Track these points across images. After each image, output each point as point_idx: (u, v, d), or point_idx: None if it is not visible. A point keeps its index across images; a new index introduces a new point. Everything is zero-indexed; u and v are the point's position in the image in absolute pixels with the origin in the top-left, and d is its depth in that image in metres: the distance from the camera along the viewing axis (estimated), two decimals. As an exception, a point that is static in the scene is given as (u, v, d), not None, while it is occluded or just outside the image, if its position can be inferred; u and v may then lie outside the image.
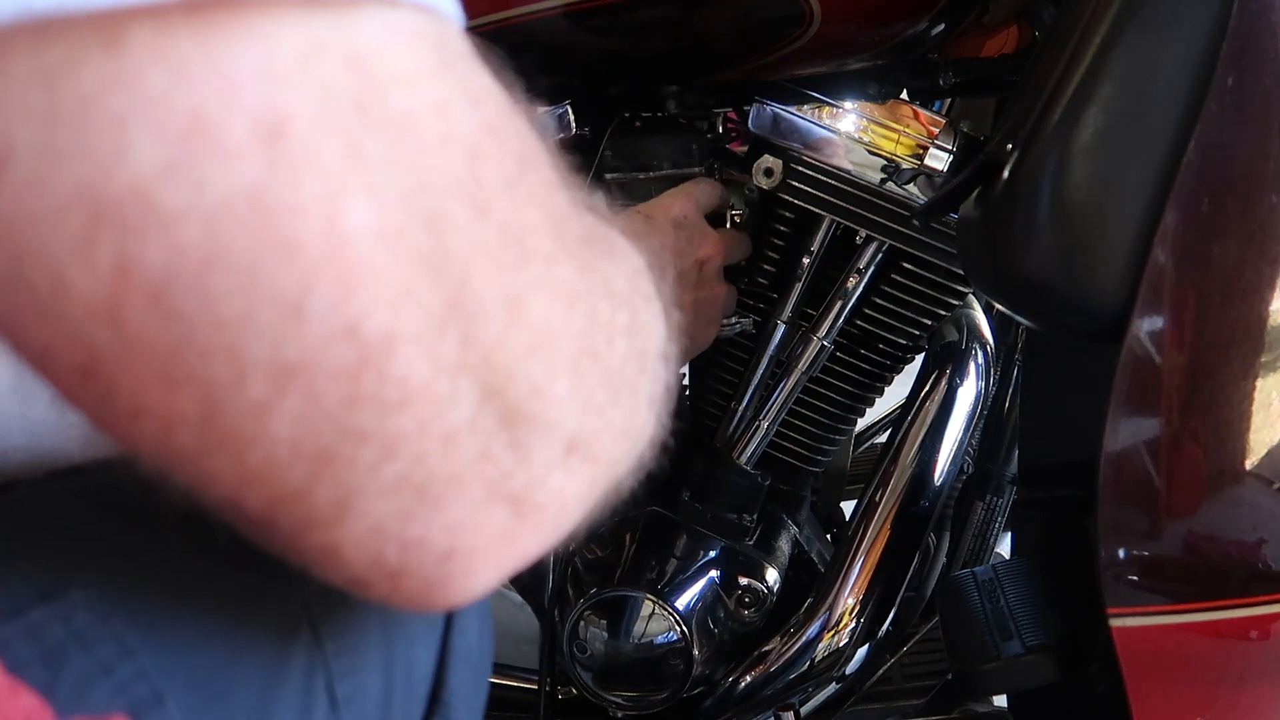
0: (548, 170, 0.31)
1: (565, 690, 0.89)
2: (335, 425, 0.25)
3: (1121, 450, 0.51)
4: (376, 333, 0.24)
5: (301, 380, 0.24)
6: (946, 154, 0.72)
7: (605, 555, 0.85)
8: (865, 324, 0.81)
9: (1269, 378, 0.51)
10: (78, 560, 0.31)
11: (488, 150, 0.28)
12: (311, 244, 0.23)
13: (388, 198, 0.25)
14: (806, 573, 0.88)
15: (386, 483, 0.26)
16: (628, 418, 0.34)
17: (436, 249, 0.26)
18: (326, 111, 0.24)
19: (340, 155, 0.24)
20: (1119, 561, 0.53)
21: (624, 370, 0.34)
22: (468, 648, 0.44)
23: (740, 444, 0.82)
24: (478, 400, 0.27)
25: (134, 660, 0.30)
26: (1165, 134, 0.48)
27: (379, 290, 0.24)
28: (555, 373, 0.29)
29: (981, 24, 0.75)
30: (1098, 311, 0.50)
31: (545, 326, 0.29)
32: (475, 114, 0.28)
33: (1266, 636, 0.54)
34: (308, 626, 0.36)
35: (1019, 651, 0.62)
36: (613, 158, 0.78)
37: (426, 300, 0.25)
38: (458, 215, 0.26)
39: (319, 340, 0.24)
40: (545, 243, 0.29)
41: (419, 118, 0.26)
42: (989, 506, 0.89)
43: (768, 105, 0.74)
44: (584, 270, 0.32)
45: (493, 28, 0.68)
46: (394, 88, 0.25)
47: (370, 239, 0.24)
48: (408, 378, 0.25)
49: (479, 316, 0.27)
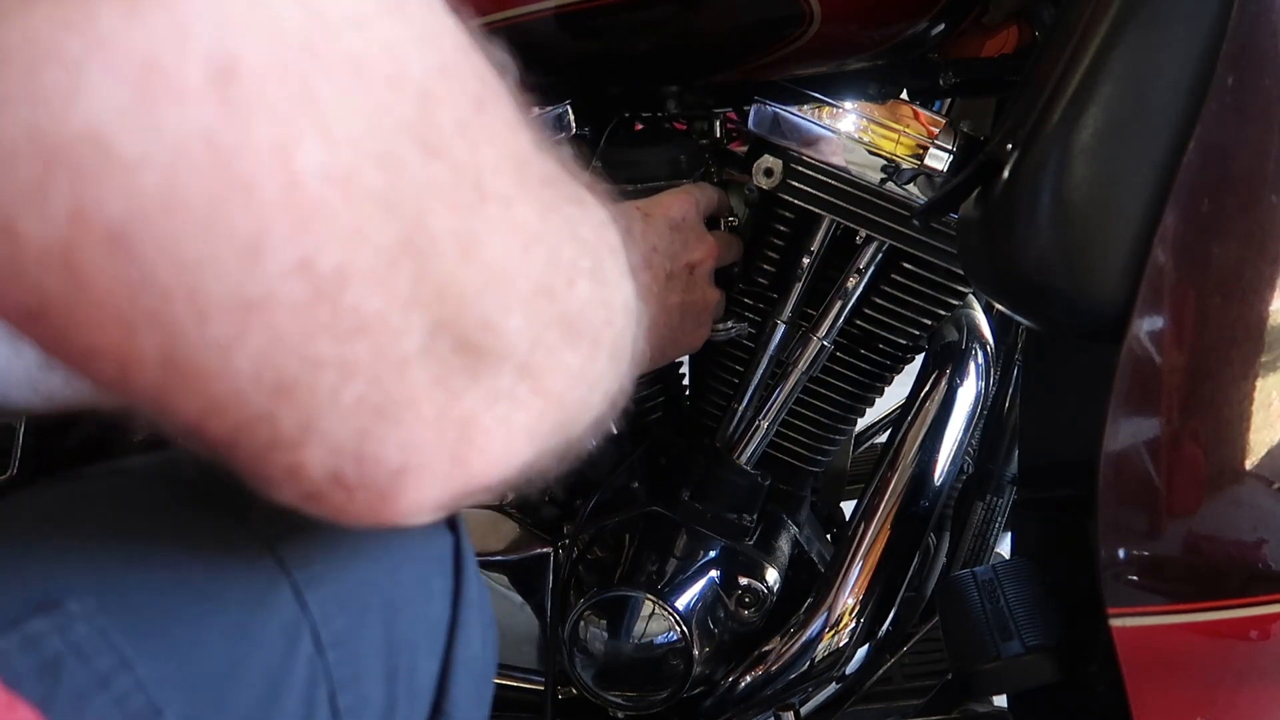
0: (508, 111, 0.32)
1: (565, 690, 0.89)
2: (295, 355, 0.26)
3: (1121, 450, 0.51)
4: (330, 268, 0.25)
5: (261, 316, 0.25)
6: (946, 154, 0.72)
7: (605, 555, 0.85)
8: (865, 324, 0.81)
9: (1269, 378, 0.51)
10: (75, 571, 0.31)
11: (441, 91, 0.28)
12: (267, 185, 0.24)
13: (339, 138, 0.25)
14: (806, 573, 0.88)
15: (345, 405, 0.27)
16: (585, 363, 0.35)
17: (389, 188, 0.26)
18: (277, 52, 0.24)
19: (292, 97, 0.24)
20: (1119, 561, 0.53)
21: (585, 315, 0.34)
22: (471, 657, 0.43)
23: (740, 444, 0.82)
24: (429, 330, 0.28)
25: (132, 672, 0.29)
26: (1165, 134, 0.48)
27: (331, 228, 0.25)
28: (508, 309, 0.30)
29: (981, 24, 0.75)
30: (1098, 311, 0.50)
31: (500, 265, 0.30)
32: (428, 54, 0.28)
33: (1266, 636, 0.54)
34: (310, 635, 0.35)
35: (1019, 651, 0.62)
36: (603, 169, 0.78)
37: (378, 237, 0.26)
38: (409, 155, 0.27)
39: (276, 277, 0.25)
40: (504, 183, 0.30)
41: (369, 58, 0.26)
42: (989, 506, 0.89)
43: (768, 105, 0.74)
44: (547, 211, 0.32)
45: (493, 28, 0.68)
46: (344, 28, 0.25)
47: (322, 179, 0.25)
48: (360, 308, 0.26)
49: (431, 254, 0.28)
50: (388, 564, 0.40)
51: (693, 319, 0.72)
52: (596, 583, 0.82)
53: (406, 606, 0.40)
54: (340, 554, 0.37)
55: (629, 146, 0.79)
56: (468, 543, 0.45)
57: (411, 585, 0.41)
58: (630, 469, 0.84)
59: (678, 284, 0.69)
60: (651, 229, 0.68)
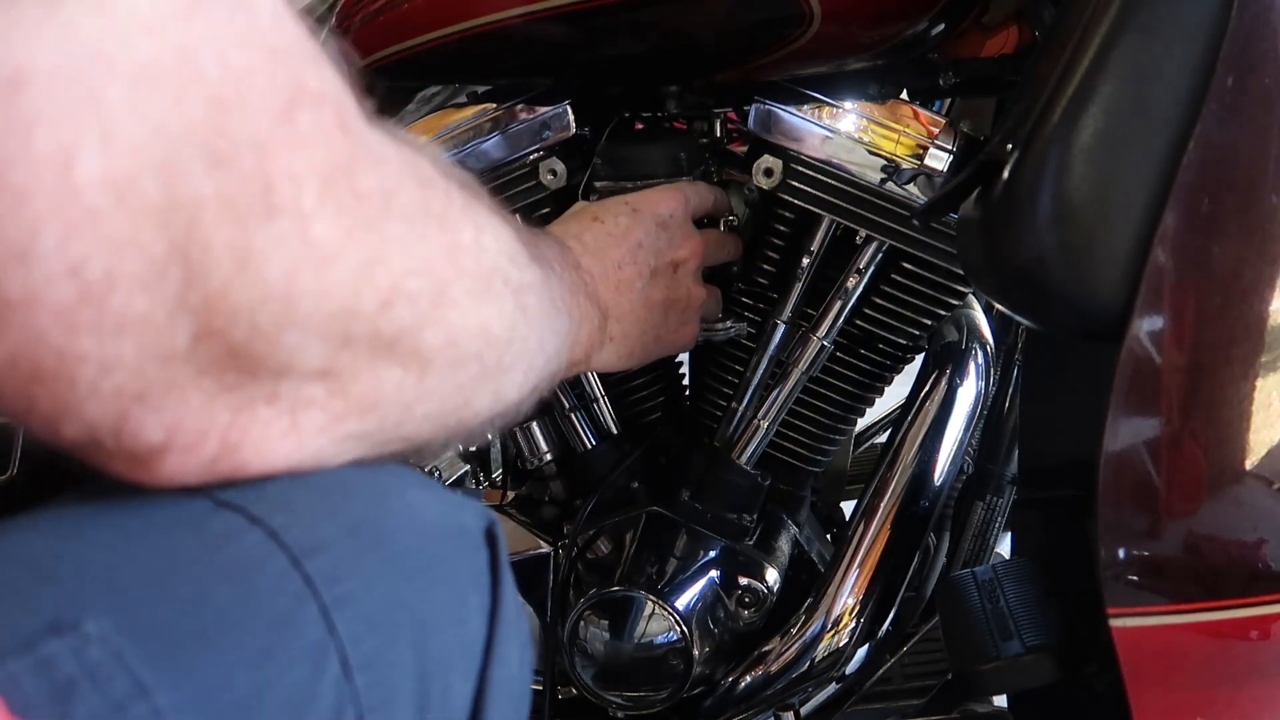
0: (332, 119, 0.31)
1: (565, 690, 0.89)
2: (53, 351, 0.27)
3: (1121, 450, 0.51)
4: (98, 273, 0.26)
5: (22, 314, 0.26)
6: (946, 154, 0.72)
7: (605, 555, 0.85)
8: (865, 324, 0.81)
9: (1269, 378, 0.51)
10: (93, 590, 0.30)
11: (237, 97, 0.28)
12: (41, 195, 0.24)
13: (120, 146, 0.25)
14: (806, 573, 0.88)
15: (104, 393, 0.28)
16: (405, 379, 0.35)
17: (166, 197, 0.27)
18: (68, 62, 0.24)
19: (78, 106, 0.24)
20: (1119, 561, 0.53)
21: (409, 337, 0.35)
22: (508, 677, 0.41)
23: (740, 444, 0.82)
24: (196, 333, 0.29)
25: (148, 699, 0.28)
26: (1165, 134, 0.48)
27: (103, 236, 0.26)
28: (286, 324, 0.30)
29: (981, 24, 0.75)
30: (1098, 311, 0.50)
31: (280, 282, 0.30)
32: (229, 58, 0.28)
33: (1266, 636, 0.54)
34: (337, 658, 0.33)
35: (1019, 651, 0.62)
36: (602, 166, 0.78)
37: (149, 245, 0.27)
38: (191, 164, 0.27)
39: (41, 279, 0.25)
40: (305, 197, 0.30)
41: (160, 64, 0.26)
42: (989, 506, 0.89)
43: (768, 105, 0.74)
44: (360, 230, 0.32)
45: (493, 27, 0.68)
46: (138, 33, 0.25)
47: (98, 187, 0.25)
48: (126, 310, 0.27)
49: (204, 263, 0.28)
50: (421, 581, 0.38)
51: (676, 316, 0.72)
52: (596, 583, 0.82)
53: (440, 626, 0.38)
54: (371, 571, 0.36)
55: (629, 143, 0.79)
56: (506, 557, 0.43)
57: (446, 603, 0.39)
58: (630, 469, 0.84)
59: (661, 281, 0.69)
60: (638, 224, 0.68)
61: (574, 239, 0.65)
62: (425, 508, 0.39)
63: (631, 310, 0.67)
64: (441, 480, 1.08)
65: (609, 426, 0.85)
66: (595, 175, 0.78)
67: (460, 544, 0.41)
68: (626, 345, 0.68)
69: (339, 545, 0.35)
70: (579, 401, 0.84)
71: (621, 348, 0.67)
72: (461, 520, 0.41)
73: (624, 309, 0.66)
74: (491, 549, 0.42)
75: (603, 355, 0.66)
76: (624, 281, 0.66)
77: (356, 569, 0.35)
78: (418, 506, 0.38)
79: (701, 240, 0.72)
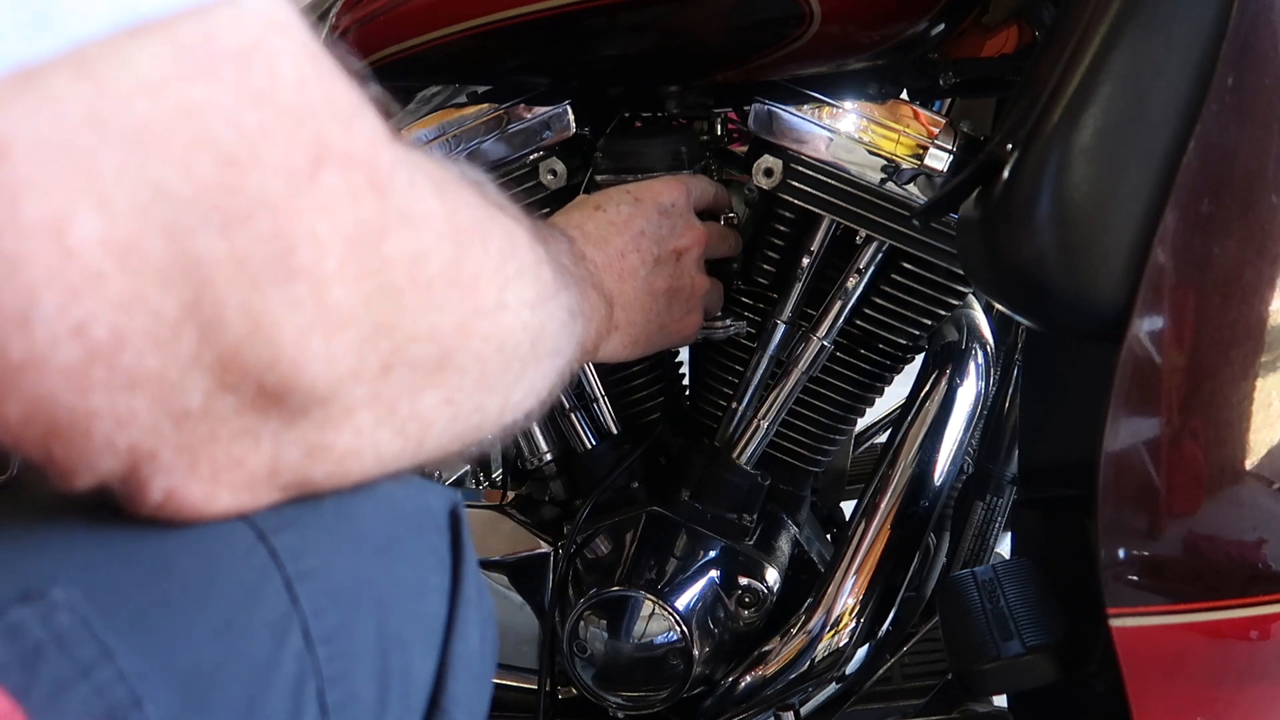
0: (361, 179, 0.31)
1: (565, 690, 0.89)
2: (67, 407, 0.27)
3: (1121, 450, 0.51)
4: (105, 333, 0.26)
5: (29, 376, 0.26)
6: (946, 154, 0.72)
7: (605, 555, 0.85)
8: (865, 324, 0.81)
9: (1269, 378, 0.51)
10: (59, 559, 0.31)
11: (250, 158, 0.27)
12: (36, 260, 0.25)
13: (119, 209, 0.25)
14: (806, 573, 0.88)
15: (120, 449, 0.28)
16: (403, 446, 0.36)
17: (174, 258, 0.27)
18: (53, 130, 0.24)
19: (67, 172, 0.25)
20: (1119, 561, 0.53)
21: (405, 399, 0.35)
22: (469, 653, 0.43)
23: (740, 444, 0.82)
24: (208, 391, 0.29)
25: (113, 663, 0.29)
26: (1165, 134, 0.48)
27: (107, 296, 0.26)
28: (290, 390, 0.31)
29: (981, 24, 0.75)
30: (1098, 312, 0.50)
31: (292, 344, 0.30)
32: (241, 117, 0.27)
33: (1266, 636, 0.54)
34: (299, 630, 0.35)
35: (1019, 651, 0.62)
36: (603, 159, 0.78)
37: (159, 304, 0.27)
38: (201, 226, 0.27)
39: (46, 342, 0.26)
40: (327, 261, 0.30)
41: (164, 125, 0.26)
42: (989, 506, 0.89)
43: (768, 105, 0.74)
44: (375, 296, 0.32)
45: (493, 27, 0.68)
46: (136, 96, 0.25)
47: (98, 250, 0.25)
48: (138, 368, 0.27)
49: (218, 323, 0.28)
50: (383, 560, 0.39)
51: (680, 305, 0.72)
52: (596, 583, 0.82)
53: (401, 603, 0.40)
54: (335, 548, 0.37)
55: (630, 138, 0.79)
56: (468, 538, 0.44)
57: (407, 582, 0.40)
58: (630, 469, 0.84)
59: (665, 269, 0.69)
60: (640, 213, 0.68)
61: (576, 229, 0.66)
62: (390, 488, 0.40)
63: (636, 298, 0.67)
64: (441, 480, 1.08)
65: (609, 426, 0.85)
66: (597, 169, 0.78)
67: (423, 523, 0.42)
68: (631, 334, 0.68)
69: (305, 521, 0.36)
70: (579, 401, 0.84)
71: (626, 336, 0.67)
72: (426, 501, 0.43)
73: (628, 297, 0.67)
74: (454, 529, 0.43)
75: (609, 345, 0.66)
76: (627, 270, 0.67)
77: (321, 545, 0.36)
78: (383, 487, 0.39)
79: (704, 229, 0.72)
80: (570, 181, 0.78)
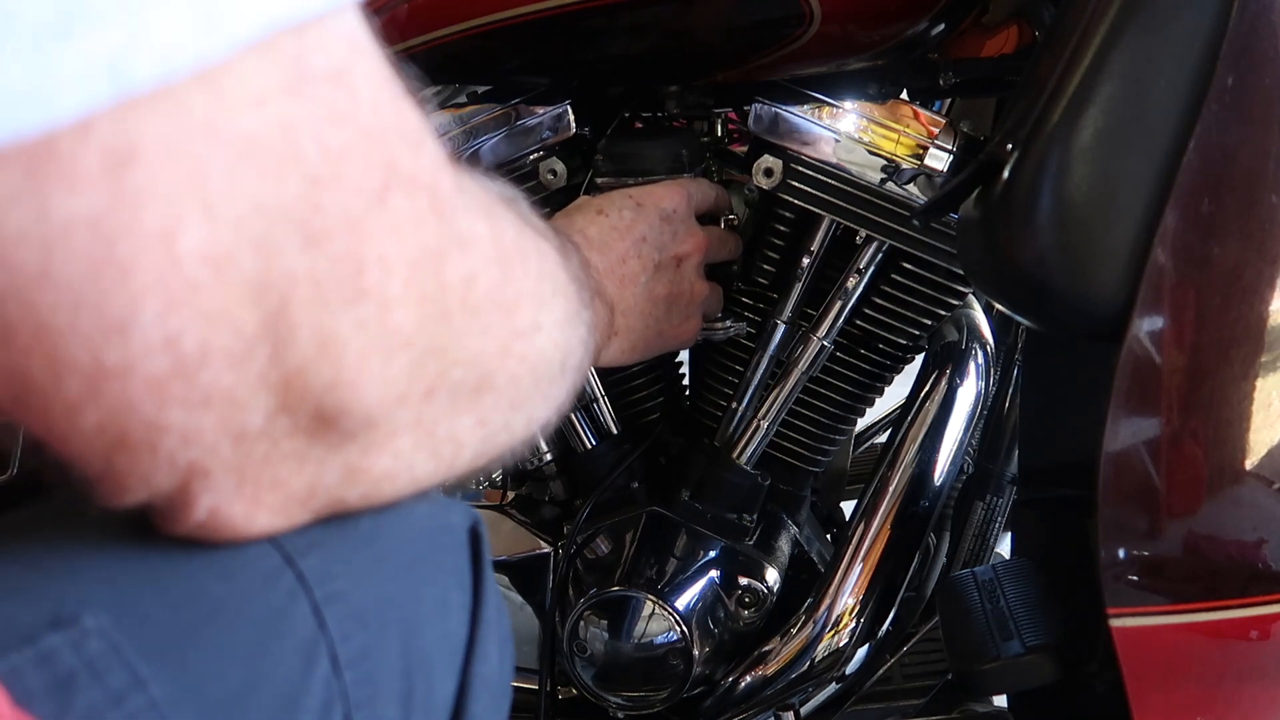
0: (424, 203, 0.31)
1: (565, 690, 0.89)
2: (141, 420, 0.27)
3: (1121, 450, 0.51)
4: (193, 347, 0.26)
5: (115, 383, 0.26)
6: (946, 154, 0.72)
7: (605, 555, 0.85)
8: (865, 324, 0.81)
9: (1269, 378, 0.51)
10: (91, 586, 0.31)
11: (333, 176, 0.28)
12: (145, 268, 0.25)
13: (222, 219, 0.26)
14: (806, 573, 0.88)
15: (179, 466, 0.29)
16: (435, 468, 0.36)
17: (261, 273, 0.27)
18: (177, 137, 0.24)
19: (184, 180, 0.25)
20: (1119, 561, 0.53)
21: (445, 425, 0.35)
22: (489, 673, 0.43)
23: (740, 444, 0.82)
24: (271, 412, 0.29)
25: (145, 691, 0.29)
26: (1165, 134, 0.48)
27: (200, 309, 0.26)
28: (344, 412, 0.31)
29: (981, 24, 0.75)
30: (1098, 311, 0.50)
31: (354, 367, 0.30)
32: (326, 137, 0.28)
33: (1266, 636, 0.54)
34: (327, 655, 0.34)
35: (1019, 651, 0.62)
36: (604, 161, 0.78)
37: (243, 319, 0.27)
38: (287, 242, 0.27)
39: (139, 351, 0.26)
40: (392, 283, 0.30)
41: (263, 139, 0.26)
42: (989, 506, 0.89)
43: (768, 105, 0.74)
44: (432, 321, 0.32)
45: (494, 27, 0.68)
46: (245, 107, 0.26)
47: (199, 260, 0.26)
48: (214, 385, 0.27)
49: (289, 342, 0.28)
50: (409, 580, 0.39)
51: (680, 311, 0.72)
52: (596, 583, 0.82)
53: (425, 624, 0.39)
54: (361, 570, 0.37)
55: (631, 140, 0.79)
56: (488, 556, 0.44)
57: (430, 602, 0.40)
58: (630, 469, 0.84)
59: (665, 275, 0.70)
60: (642, 219, 0.69)
61: (578, 233, 0.66)
62: (413, 506, 0.39)
63: (636, 304, 0.67)
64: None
65: (609, 426, 0.85)
66: (597, 171, 0.78)
67: (445, 541, 0.42)
68: (630, 339, 0.68)
69: (331, 543, 0.35)
70: (579, 401, 0.84)
71: (625, 342, 0.68)
72: (448, 519, 0.42)
73: (629, 303, 0.67)
74: (474, 547, 0.43)
75: (609, 350, 0.66)
76: (628, 276, 0.67)
77: (347, 567, 0.36)
78: (405, 504, 0.39)
79: (704, 235, 0.73)
80: (570, 181, 0.78)
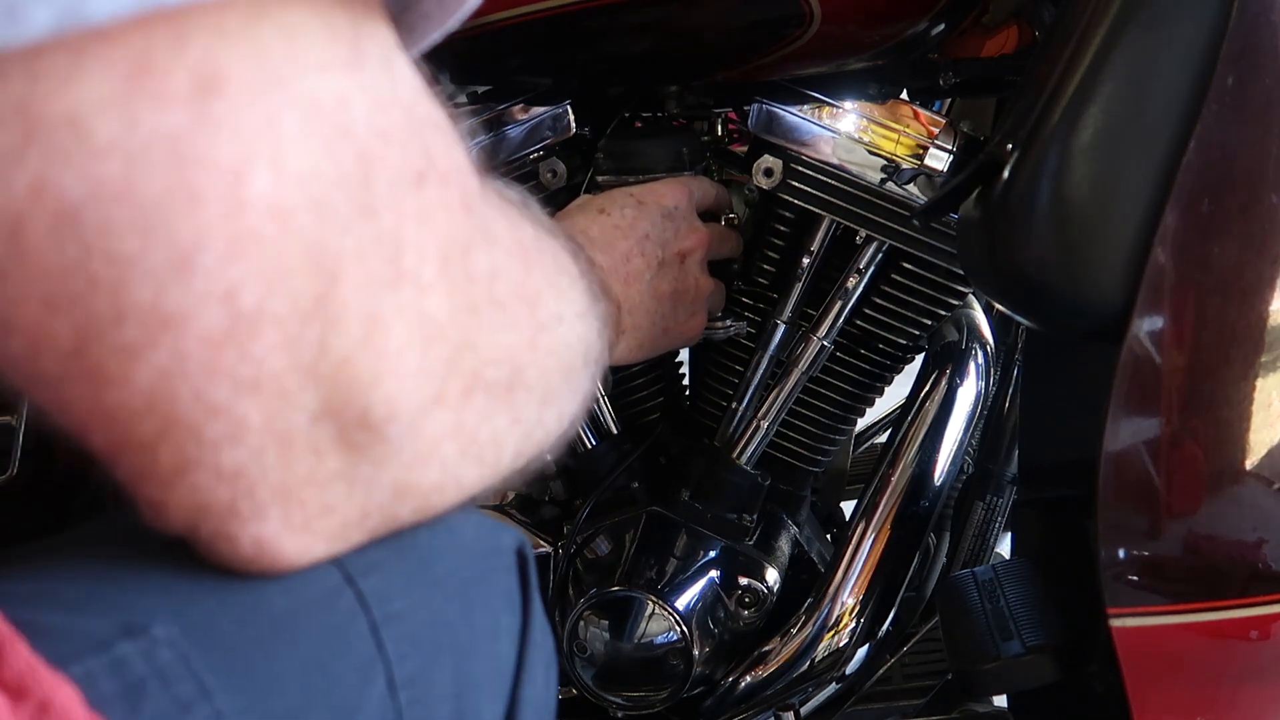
0: (454, 197, 0.31)
1: (565, 690, 0.89)
2: (192, 390, 0.27)
3: (1121, 450, 0.51)
4: (250, 305, 0.26)
5: (172, 334, 0.26)
6: (946, 154, 0.72)
7: (605, 555, 0.85)
8: (865, 324, 0.81)
9: (1269, 378, 0.51)
10: (158, 595, 0.31)
11: (379, 155, 0.28)
12: (214, 200, 0.25)
13: (288, 174, 0.26)
14: (806, 573, 0.88)
15: (226, 467, 0.28)
16: (480, 473, 0.36)
17: (318, 238, 0.27)
18: (259, 77, 0.25)
19: (259, 122, 0.25)
20: (1119, 561, 0.53)
21: (485, 426, 0.35)
22: (535, 696, 0.43)
23: (740, 444, 0.82)
24: (317, 410, 0.29)
25: (211, 701, 0.29)
26: (1165, 134, 0.48)
27: (261, 262, 0.26)
28: (393, 407, 0.30)
29: (981, 24, 0.75)
30: (1098, 311, 0.50)
31: (395, 356, 0.30)
32: (376, 117, 0.28)
33: (1266, 636, 0.54)
34: (384, 675, 0.35)
35: (1019, 651, 0.62)
36: (605, 160, 0.78)
37: (299, 288, 0.27)
38: (342, 209, 0.27)
39: (198, 297, 0.25)
40: (426, 270, 0.30)
41: (325, 104, 0.27)
42: (989, 506, 0.89)
43: (768, 105, 0.74)
44: (463, 313, 0.32)
45: (494, 27, 0.68)
46: (310, 71, 0.26)
47: (265, 209, 0.26)
48: (264, 362, 0.27)
49: (339, 324, 0.28)
50: (461, 603, 0.39)
51: (685, 307, 0.72)
52: (597, 583, 0.82)
53: (477, 647, 0.39)
54: (418, 592, 0.37)
55: (631, 139, 0.79)
56: (535, 579, 0.44)
57: (482, 625, 0.40)
58: (630, 469, 0.84)
59: (669, 271, 0.70)
60: (644, 216, 0.69)
61: (581, 233, 0.66)
62: (464, 527, 0.40)
63: (641, 302, 0.67)
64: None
65: (609, 426, 0.85)
66: (598, 169, 0.78)
67: (496, 564, 0.42)
68: (636, 337, 0.68)
69: (390, 565, 0.36)
70: (579, 401, 0.84)
71: (632, 340, 0.68)
72: (498, 541, 0.42)
73: (634, 301, 0.67)
74: (522, 569, 0.43)
75: (617, 349, 0.67)
76: (632, 274, 0.67)
77: (406, 588, 0.36)
78: (458, 526, 0.39)
79: (706, 231, 0.73)
80: (570, 181, 0.78)
